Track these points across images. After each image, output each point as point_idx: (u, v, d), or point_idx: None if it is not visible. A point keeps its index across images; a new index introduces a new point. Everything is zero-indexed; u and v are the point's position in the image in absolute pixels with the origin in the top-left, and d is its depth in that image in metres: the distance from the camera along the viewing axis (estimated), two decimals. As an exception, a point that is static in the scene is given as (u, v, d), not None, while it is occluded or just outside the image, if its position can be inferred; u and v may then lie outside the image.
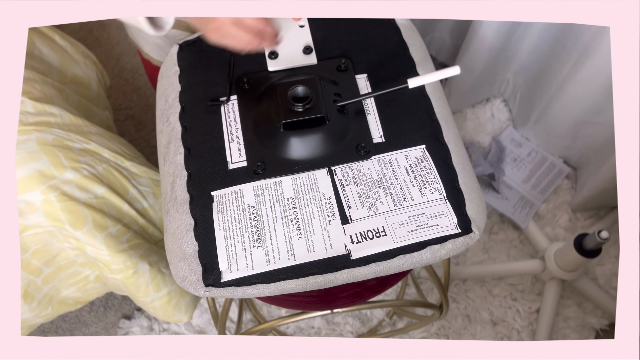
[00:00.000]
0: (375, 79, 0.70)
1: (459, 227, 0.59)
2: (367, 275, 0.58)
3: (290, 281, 0.57)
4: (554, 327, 1.21)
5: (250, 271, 0.57)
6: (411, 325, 1.15)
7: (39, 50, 1.03)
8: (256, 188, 0.62)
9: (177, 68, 0.73)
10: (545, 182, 1.37)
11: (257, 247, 0.58)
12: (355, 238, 0.59)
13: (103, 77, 1.21)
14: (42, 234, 0.83)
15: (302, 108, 0.63)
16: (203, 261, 0.58)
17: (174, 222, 0.62)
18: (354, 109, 0.67)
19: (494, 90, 1.45)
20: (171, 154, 0.66)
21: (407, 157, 0.64)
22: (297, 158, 0.63)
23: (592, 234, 1.00)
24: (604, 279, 1.25)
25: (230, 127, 0.67)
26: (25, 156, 0.78)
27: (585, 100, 1.17)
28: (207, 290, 0.57)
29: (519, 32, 1.21)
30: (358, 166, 0.63)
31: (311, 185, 0.62)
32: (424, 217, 0.60)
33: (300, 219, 0.60)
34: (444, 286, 0.80)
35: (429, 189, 0.61)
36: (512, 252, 1.29)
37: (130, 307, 1.25)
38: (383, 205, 0.60)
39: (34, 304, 0.93)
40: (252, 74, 0.70)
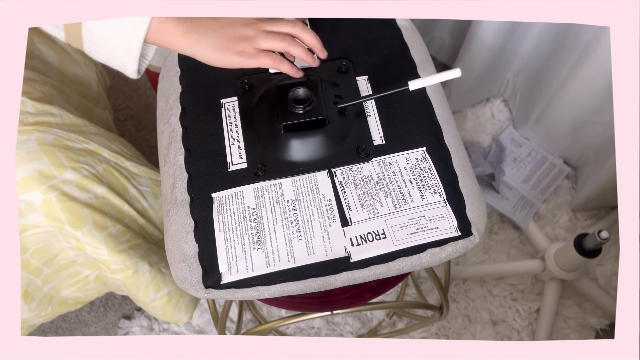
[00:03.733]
0: (376, 81, 0.70)
1: (459, 230, 0.59)
2: (366, 278, 0.58)
3: (290, 283, 0.57)
4: (554, 327, 1.21)
5: (250, 273, 0.57)
6: (411, 326, 1.15)
7: (39, 50, 1.03)
8: (256, 190, 0.62)
9: (177, 69, 0.73)
10: (545, 182, 1.37)
11: (257, 249, 0.58)
12: (355, 240, 0.59)
13: (103, 77, 1.21)
14: (42, 234, 0.83)
15: (303, 110, 0.63)
16: (203, 263, 0.58)
17: (174, 223, 0.62)
18: (354, 111, 0.67)
19: (494, 90, 1.45)
20: (172, 155, 0.66)
21: (408, 160, 0.64)
22: (298, 160, 0.63)
23: (592, 234, 1.00)
24: (604, 279, 1.25)
25: (230, 128, 0.67)
26: (25, 156, 0.78)
27: (585, 100, 1.17)
28: (207, 292, 0.57)
29: (519, 32, 1.21)
30: (358, 168, 0.63)
31: (311, 187, 0.62)
32: (424, 220, 0.60)
33: (301, 221, 0.60)
34: (444, 287, 0.80)
35: (429, 192, 0.61)
36: (512, 252, 1.29)
37: (130, 307, 1.25)
38: (383, 207, 0.60)
39: (34, 304, 0.93)
40: (252, 76, 0.70)
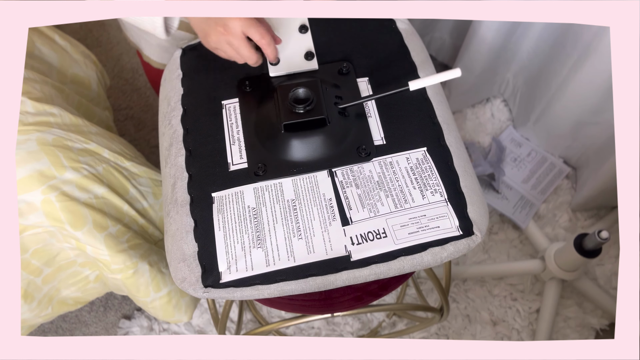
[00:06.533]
0: (377, 83, 0.70)
1: (461, 230, 0.59)
2: (367, 277, 0.58)
3: (290, 282, 0.57)
4: (554, 327, 1.21)
5: (250, 272, 0.57)
6: (411, 327, 1.15)
7: (39, 50, 1.03)
8: (256, 189, 0.62)
9: (179, 72, 0.74)
10: (545, 182, 1.37)
11: (256, 248, 0.58)
12: (356, 239, 0.58)
13: (103, 77, 1.21)
14: (42, 234, 0.83)
15: (303, 110, 0.63)
16: (202, 262, 0.58)
17: (174, 223, 0.62)
18: (355, 112, 0.67)
19: (494, 90, 1.45)
20: (172, 156, 0.66)
21: (408, 159, 0.64)
22: (298, 160, 0.63)
23: (592, 234, 1.00)
24: (604, 279, 1.25)
25: (231, 129, 0.67)
26: (25, 156, 0.78)
27: (585, 100, 1.17)
28: (206, 291, 0.57)
29: (519, 32, 1.21)
30: (359, 168, 0.63)
31: (312, 186, 0.62)
32: (425, 219, 0.60)
33: (301, 220, 0.60)
34: (445, 289, 0.80)
35: (430, 191, 0.61)
36: (512, 252, 1.29)
37: (130, 307, 1.25)
38: (384, 207, 0.60)
39: (34, 304, 0.93)
40: (253, 77, 0.71)
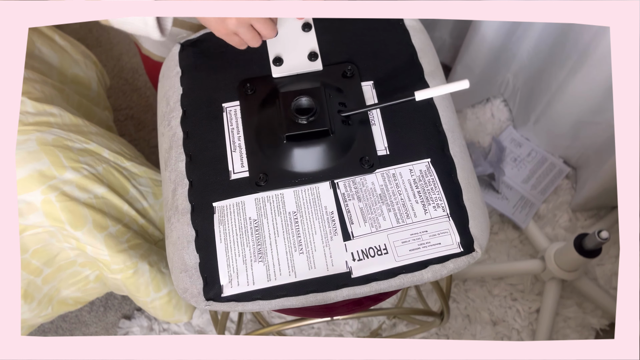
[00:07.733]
0: (382, 88, 0.68)
1: (462, 246, 0.58)
2: (367, 293, 0.58)
3: (291, 298, 0.57)
4: (554, 327, 1.21)
5: (251, 287, 0.57)
6: (412, 330, 1.15)
7: (39, 50, 1.03)
8: (258, 200, 0.61)
9: (178, 69, 0.71)
10: (545, 182, 1.37)
11: (258, 262, 0.58)
12: (357, 255, 0.58)
13: (103, 77, 1.21)
14: (42, 234, 0.83)
15: (306, 120, 0.61)
16: (204, 274, 0.58)
17: (175, 231, 0.61)
18: (358, 119, 0.65)
19: (494, 90, 1.45)
20: (172, 160, 0.65)
21: (412, 171, 0.62)
22: (300, 170, 0.62)
23: (592, 234, 1.00)
24: (604, 279, 1.25)
25: (232, 135, 0.65)
26: (25, 156, 0.78)
27: (585, 100, 1.17)
28: (208, 304, 0.57)
29: (519, 32, 1.21)
30: (361, 180, 0.62)
31: (313, 198, 0.61)
32: (426, 235, 0.59)
33: (302, 234, 0.59)
34: (446, 294, 0.79)
35: (432, 206, 0.60)
36: (512, 252, 1.29)
37: (130, 307, 1.25)
38: (385, 221, 0.59)
39: (34, 304, 0.93)
40: (255, 79, 0.68)
